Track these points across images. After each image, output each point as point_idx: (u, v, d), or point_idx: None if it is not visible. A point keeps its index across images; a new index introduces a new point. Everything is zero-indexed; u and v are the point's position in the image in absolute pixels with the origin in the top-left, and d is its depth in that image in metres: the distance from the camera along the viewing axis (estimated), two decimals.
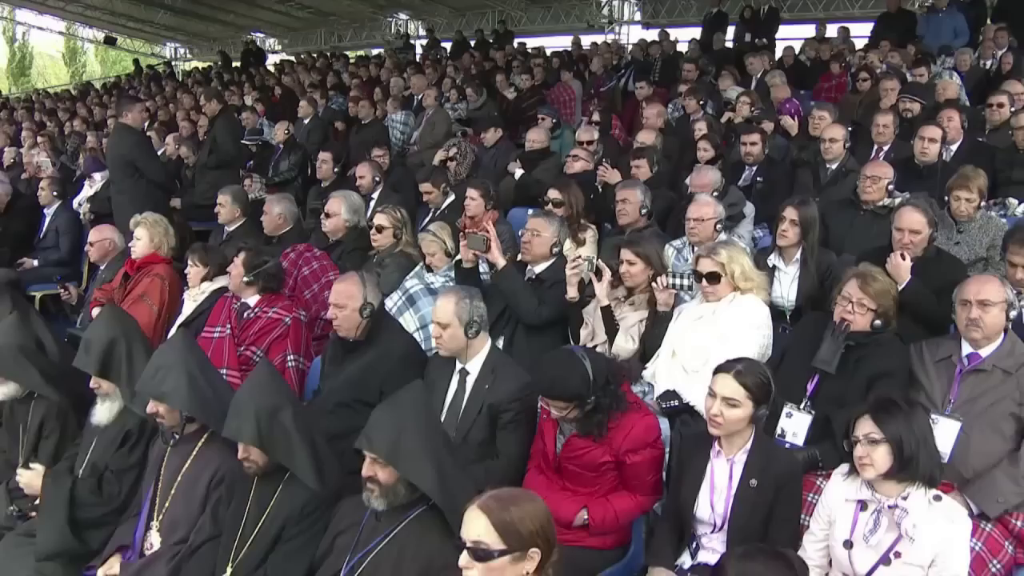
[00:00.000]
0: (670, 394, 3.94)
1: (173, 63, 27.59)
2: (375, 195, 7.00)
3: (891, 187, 5.36)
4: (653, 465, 3.46)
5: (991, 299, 3.41)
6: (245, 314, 5.04)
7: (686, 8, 18.26)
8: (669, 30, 15.87)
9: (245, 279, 4.99)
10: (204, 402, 3.49)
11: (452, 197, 6.56)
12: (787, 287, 4.74)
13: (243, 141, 10.58)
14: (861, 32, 14.09)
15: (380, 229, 5.52)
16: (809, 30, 14.33)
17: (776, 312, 4.74)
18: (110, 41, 27.94)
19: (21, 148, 12.67)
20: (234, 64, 22.06)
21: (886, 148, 6.87)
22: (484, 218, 6.03)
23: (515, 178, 7.54)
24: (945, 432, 3.36)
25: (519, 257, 4.92)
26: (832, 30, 13.95)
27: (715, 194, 5.88)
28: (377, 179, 7.00)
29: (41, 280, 7.76)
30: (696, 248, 5.05)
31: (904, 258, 4.18)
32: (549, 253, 4.75)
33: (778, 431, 3.62)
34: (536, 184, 7.10)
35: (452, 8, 21.76)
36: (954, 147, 6.70)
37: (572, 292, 4.46)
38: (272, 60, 23.44)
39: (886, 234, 4.60)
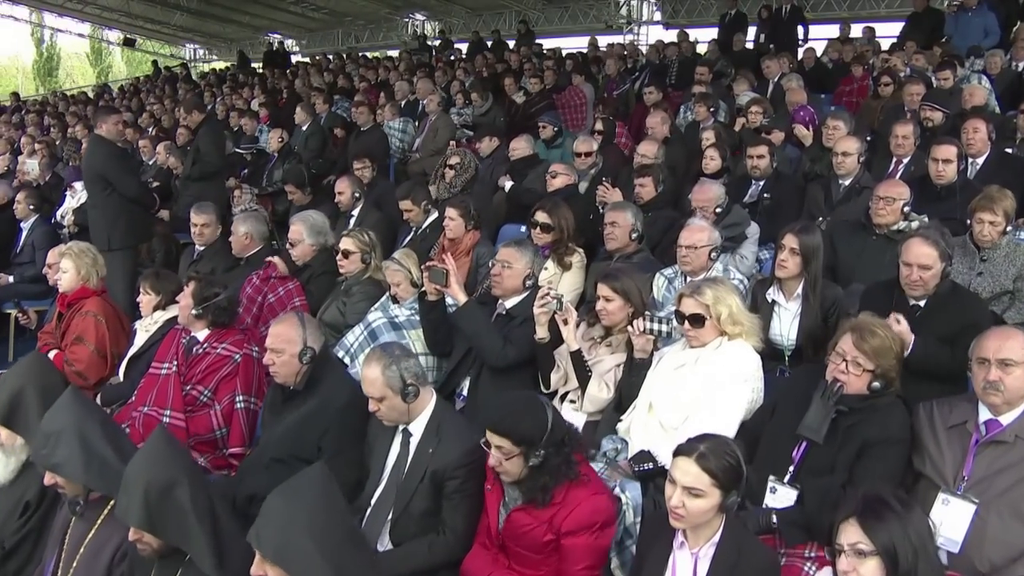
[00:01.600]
0: (644, 455, 3.45)
1: (191, 64, 27.49)
2: (355, 212, 6.57)
3: (907, 209, 4.83)
4: (589, 554, 2.98)
5: (1013, 358, 2.89)
6: (194, 349, 4.63)
7: (706, 8, 17.68)
8: (690, 30, 15.34)
9: (194, 312, 4.58)
10: (103, 469, 3.06)
11: (435, 215, 6.10)
12: (787, 325, 4.22)
13: (237, 149, 10.27)
14: (887, 32, 13.51)
15: (346, 254, 5.08)
16: (834, 30, 13.78)
17: (774, 352, 4.26)
18: (129, 43, 27.95)
19: (21, 154, 12.45)
20: (253, 65, 21.86)
21: (906, 161, 6.34)
22: (464, 239, 5.60)
23: (506, 191, 7.13)
24: (957, 515, 2.86)
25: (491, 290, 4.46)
26: (857, 30, 13.37)
27: (718, 210, 5.43)
28: (357, 195, 6.56)
29: (16, 297, 7.41)
30: (689, 278, 4.61)
31: (900, 322, 3.60)
32: (522, 286, 4.28)
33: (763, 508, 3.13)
34: (527, 193, 6.72)
35: (469, 8, 21.35)
36: (980, 160, 6.15)
37: (541, 332, 3.98)
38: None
39: None
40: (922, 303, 3.90)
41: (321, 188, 7.43)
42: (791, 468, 3.14)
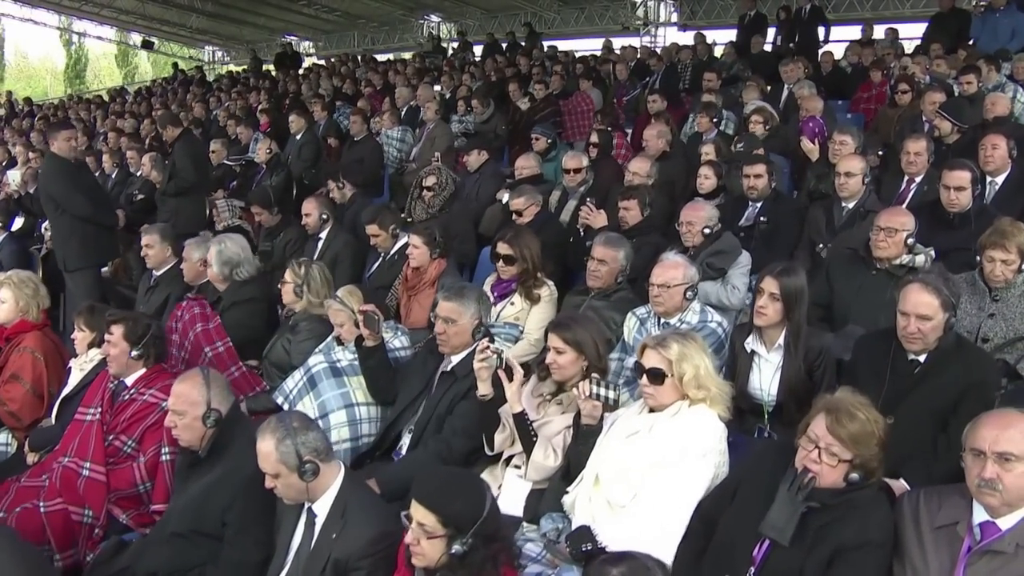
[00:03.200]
0: (583, 534, 2.96)
1: (210, 66, 27.34)
2: (323, 234, 6.15)
3: (911, 240, 4.31)
4: None
5: (1014, 452, 2.38)
6: (122, 395, 4.25)
7: (725, 9, 17.06)
8: (708, 32, 14.78)
9: (134, 353, 4.19)
10: None
11: (404, 240, 5.65)
12: (768, 378, 3.74)
13: (226, 160, 9.88)
14: (912, 33, 12.88)
15: (283, 284, 4.69)
16: (857, 31, 13.16)
17: (753, 407, 3.79)
18: (147, 45, 27.83)
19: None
20: (265, 67, 21.57)
21: (918, 180, 5.82)
22: (429, 268, 5.17)
23: (503, 203, 6.68)
24: None
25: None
26: (880, 31, 12.75)
27: (706, 230, 4.96)
28: (325, 216, 6.14)
29: None
30: (662, 319, 4.14)
31: None
32: (471, 339, 3.82)
33: None
34: None
35: (483, 10, 20.88)
36: (1000, 179, 5.61)
37: (483, 388, 3.52)
38: (306, 63, 22.82)
39: None
40: (922, 358, 3.40)
41: (290, 207, 6.98)
42: (751, 570, 2.65)
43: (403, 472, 3.68)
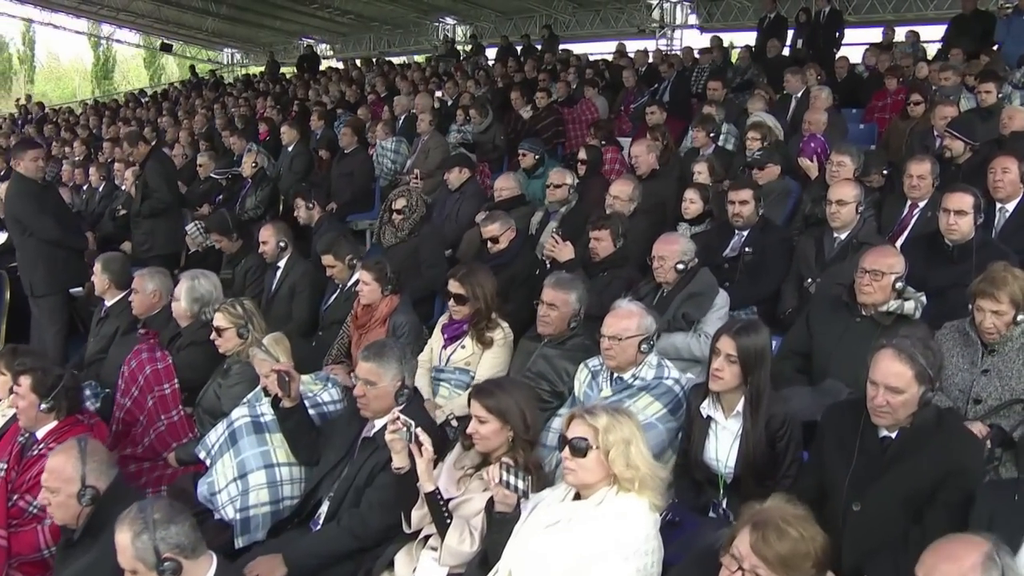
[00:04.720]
0: None
1: (226, 69, 27.24)
2: (281, 263, 5.80)
3: (900, 284, 3.85)
4: None
5: None
6: (32, 450, 3.93)
7: (743, 11, 16.46)
8: (728, 35, 14.27)
9: (45, 406, 3.87)
10: None
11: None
12: (726, 447, 3.31)
13: (213, 174, 9.57)
14: (936, 36, 12.28)
15: (220, 331, 4.29)
16: (878, 35, 12.59)
17: (710, 477, 3.37)
18: (166, 48, 27.73)
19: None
20: (283, 70, 21.35)
21: (921, 205, 5.37)
22: (380, 306, 4.80)
23: None
24: None
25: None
26: (902, 34, 12.18)
27: (679, 266, 4.50)
28: (283, 244, 5.78)
29: None
30: (615, 373, 3.73)
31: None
32: (394, 402, 3.44)
33: None
34: None
35: (498, 12, 20.45)
36: (1011, 206, 5.11)
37: (398, 461, 3.15)
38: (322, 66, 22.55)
39: None
40: (894, 435, 2.95)
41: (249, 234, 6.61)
42: None
43: (313, 548, 3.34)
